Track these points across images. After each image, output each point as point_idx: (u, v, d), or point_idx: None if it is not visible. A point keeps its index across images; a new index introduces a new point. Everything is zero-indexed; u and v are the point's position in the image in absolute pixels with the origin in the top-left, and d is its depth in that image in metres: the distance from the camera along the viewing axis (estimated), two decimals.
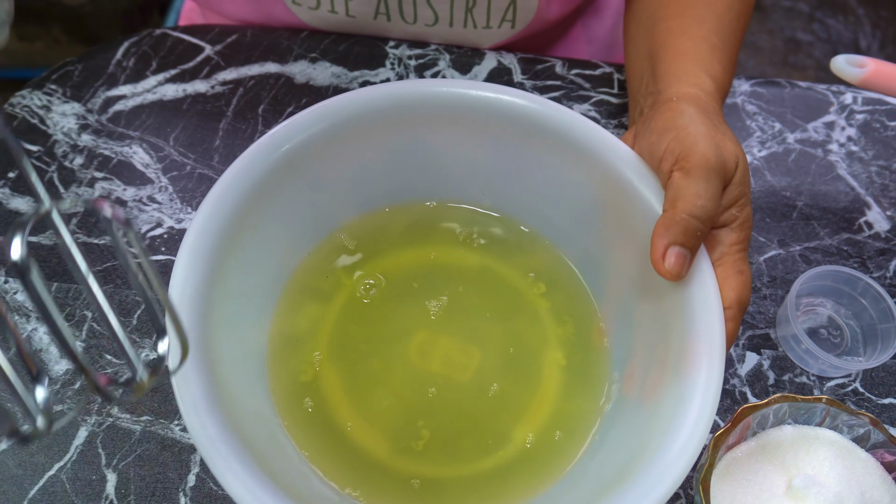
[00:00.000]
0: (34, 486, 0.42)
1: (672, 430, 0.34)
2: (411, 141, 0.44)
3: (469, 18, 0.58)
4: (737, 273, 0.37)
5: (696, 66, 0.44)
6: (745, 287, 0.37)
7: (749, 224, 0.39)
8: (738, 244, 0.38)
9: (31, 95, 0.55)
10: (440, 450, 0.41)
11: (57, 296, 0.47)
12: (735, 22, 0.48)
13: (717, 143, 0.38)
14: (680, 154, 0.37)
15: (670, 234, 0.36)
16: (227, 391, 0.36)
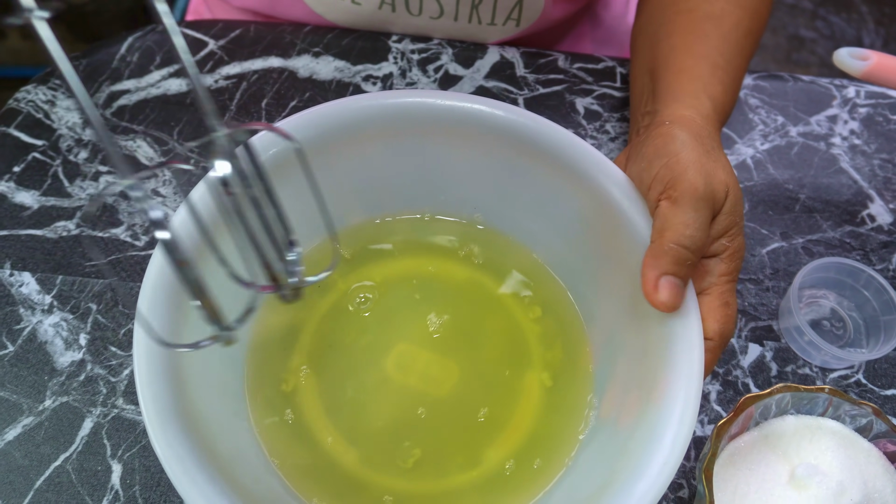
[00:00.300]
0: (40, 477, 0.42)
1: (646, 457, 0.33)
2: (403, 152, 0.43)
3: (474, 14, 0.58)
4: (722, 305, 0.37)
5: (695, 85, 0.43)
6: (729, 320, 0.37)
7: (740, 255, 0.38)
8: (727, 275, 0.38)
9: (35, 90, 0.55)
10: (415, 466, 0.41)
11: (62, 288, 0.47)
12: (743, 40, 0.47)
13: (706, 172, 0.37)
14: (669, 182, 0.36)
15: (661, 265, 0.35)
16: (195, 395, 0.35)
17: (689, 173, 0.36)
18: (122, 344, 0.46)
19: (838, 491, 0.38)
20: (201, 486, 0.32)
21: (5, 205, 0.50)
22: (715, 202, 0.37)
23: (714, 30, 0.46)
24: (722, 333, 0.37)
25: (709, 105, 0.42)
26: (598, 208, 0.40)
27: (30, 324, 0.46)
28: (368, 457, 0.41)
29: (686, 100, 0.42)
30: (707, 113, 0.41)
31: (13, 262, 0.48)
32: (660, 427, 0.33)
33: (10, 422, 0.43)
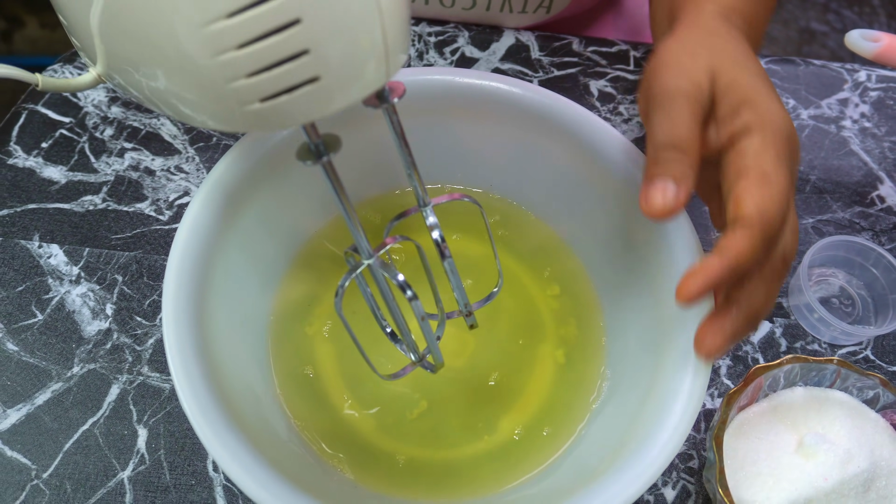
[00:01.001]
0: (69, 440, 0.43)
1: (658, 423, 0.34)
2: (422, 129, 0.44)
3: (507, 3, 0.59)
4: (762, 181, 0.31)
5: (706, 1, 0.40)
6: (770, 199, 0.30)
7: (772, 119, 0.32)
8: (766, 148, 0.31)
9: (62, 69, 0.56)
10: (429, 431, 0.42)
11: (89, 260, 0.49)
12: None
13: (680, 66, 0.33)
14: (645, 100, 0.34)
15: (645, 175, 0.32)
16: (220, 358, 0.36)
17: (658, 78, 0.34)
18: (146, 314, 0.47)
19: (845, 458, 0.39)
20: (230, 445, 0.33)
21: (34, 179, 0.51)
22: (696, 86, 0.33)
23: None
24: (760, 213, 0.30)
25: (711, 7, 0.38)
26: (614, 185, 0.41)
27: (58, 294, 0.48)
28: (383, 422, 0.42)
29: (689, 13, 0.39)
30: (708, 14, 0.38)
31: (41, 234, 0.49)
32: (671, 395, 0.34)
33: (40, 387, 0.45)
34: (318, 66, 0.26)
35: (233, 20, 0.24)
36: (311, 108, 0.27)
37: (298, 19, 0.25)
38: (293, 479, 0.33)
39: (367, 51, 0.27)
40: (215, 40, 0.25)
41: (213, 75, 0.26)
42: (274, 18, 0.24)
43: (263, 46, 0.25)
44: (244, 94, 0.26)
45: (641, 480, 0.32)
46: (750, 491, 0.39)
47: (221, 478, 0.43)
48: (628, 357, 0.42)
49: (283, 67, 0.26)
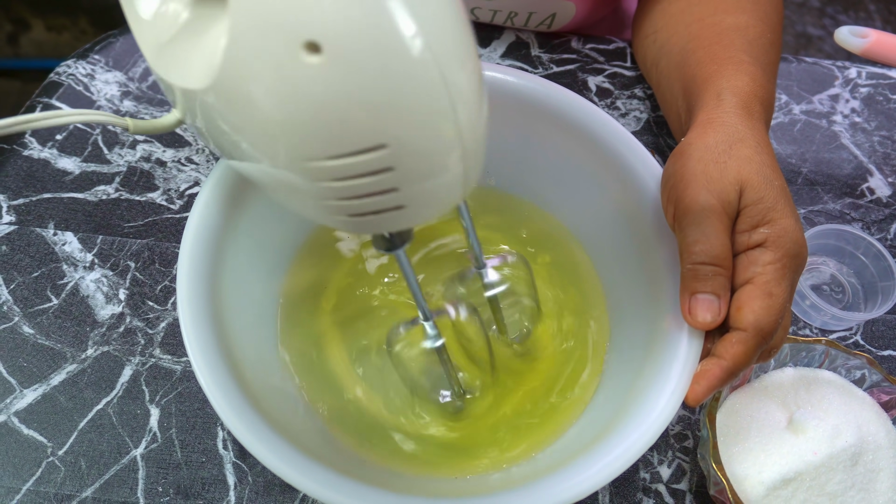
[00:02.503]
0: (83, 419, 0.45)
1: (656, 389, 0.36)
2: None
3: (509, 21, 0.61)
4: (764, 295, 0.35)
5: (718, 86, 0.42)
6: (768, 312, 0.34)
7: (785, 239, 0.36)
8: (774, 262, 0.35)
9: (76, 65, 0.58)
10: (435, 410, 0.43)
11: (102, 247, 0.50)
12: (768, 47, 0.47)
13: (709, 179, 0.36)
14: (675, 204, 0.37)
15: (686, 287, 0.36)
16: (232, 335, 0.38)
17: (689, 189, 0.36)
18: (158, 299, 0.49)
19: (834, 434, 0.41)
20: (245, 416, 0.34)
21: (49, 170, 0.53)
22: (726, 205, 0.36)
23: (739, 38, 0.46)
24: (757, 325, 0.34)
25: (732, 100, 0.41)
26: (609, 170, 0.43)
27: (72, 279, 0.49)
28: (390, 402, 0.43)
29: (708, 102, 0.42)
30: (730, 108, 0.41)
31: (56, 222, 0.51)
32: (667, 362, 0.36)
33: (56, 368, 0.46)
34: (404, 199, 0.28)
35: (333, 162, 0.26)
36: (392, 226, 0.31)
37: (391, 167, 0.26)
38: (303, 448, 0.35)
39: (449, 187, 0.29)
40: (313, 172, 0.27)
41: (308, 193, 0.28)
42: (369, 165, 0.26)
43: (357, 183, 0.27)
44: (334, 210, 0.29)
45: (642, 441, 0.33)
46: (742, 465, 0.41)
47: (231, 455, 0.44)
48: (625, 329, 0.43)
49: (372, 198, 0.28)
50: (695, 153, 0.38)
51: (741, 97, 0.41)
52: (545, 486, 0.34)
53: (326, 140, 0.26)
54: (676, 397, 0.35)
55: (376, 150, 0.26)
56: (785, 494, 0.40)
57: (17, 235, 0.50)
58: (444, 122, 0.26)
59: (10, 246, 0.50)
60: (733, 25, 0.48)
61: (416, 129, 0.26)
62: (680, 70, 0.49)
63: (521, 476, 0.38)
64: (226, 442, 0.45)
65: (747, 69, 0.43)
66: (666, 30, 0.53)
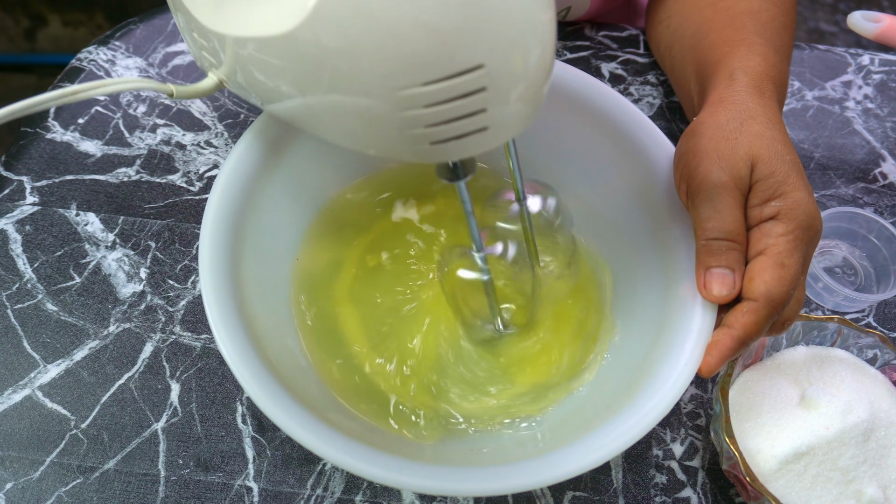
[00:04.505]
0: (106, 393, 0.46)
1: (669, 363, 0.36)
2: None
3: None
4: (776, 265, 0.35)
5: (730, 66, 0.43)
6: (779, 282, 0.35)
7: (797, 211, 0.36)
8: (786, 234, 0.35)
9: (97, 51, 0.59)
10: (451, 382, 0.44)
11: (123, 227, 0.51)
12: (780, 31, 0.47)
13: (721, 156, 0.37)
14: (688, 182, 0.37)
15: (701, 262, 0.36)
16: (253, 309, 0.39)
17: (701, 166, 0.37)
18: (178, 278, 0.50)
19: (846, 409, 0.41)
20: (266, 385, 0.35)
21: (71, 152, 0.54)
22: (738, 180, 0.37)
23: (751, 21, 0.47)
24: (768, 295, 0.35)
25: (744, 79, 0.41)
26: (623, 150, 0.44)
27: (95, 258, 0.50)
28: (406, 376, 0.44)
29: (720, 83, 0.42)
30: (742, 87, 0.41)
31: (79, 203, 0.52)
32: (680, 338, 0.37)
33: (78, 344, 0.47)
34: (489, 120, 0.29)
35: (428, 88, 0.27)
36: (472, 150, 0.31)
37: (484, 87, 0.28)
38: (323, 417, 0.35)
39: (529, 105, 0.30)
40: (405, 101, 0.28)
41: (392, 124, 0.29)
42: (465, 87, 0.27)
43: (448, 107, 0.28)
44: (418, 139, 0.29)
45: (658, 410, 0.34)
46: (755, 441, 0.41)
47: (250, 429, 0.45)
48: (637, 304, 0.44)
49: (459, 122, 0.29)
50: (706, 131, 0.38)
51: (753, 76, 0.42)
52: (561, 455, 0.35)
53: (425, 66, 0.27)
54: (690, 368, 0.35)
55: (473, 71, 0.27)
56: (797, 468, 0.40)
57: (41, 216, 0.51)
58: (534, 43, 0.28)
59: (34, 226, 0.51)
60: (746, 9, 0.48)
61: (511, 47, 0.27)
62: (692, 53, 0.49)
63: (534, 440, 0.39)
64: (244, 416, 0.45)
65: (759, 50, 0.44)
66: (679, 15, 0.53)
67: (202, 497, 0.43)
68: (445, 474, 0.34)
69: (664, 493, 0.45)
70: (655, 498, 0.44)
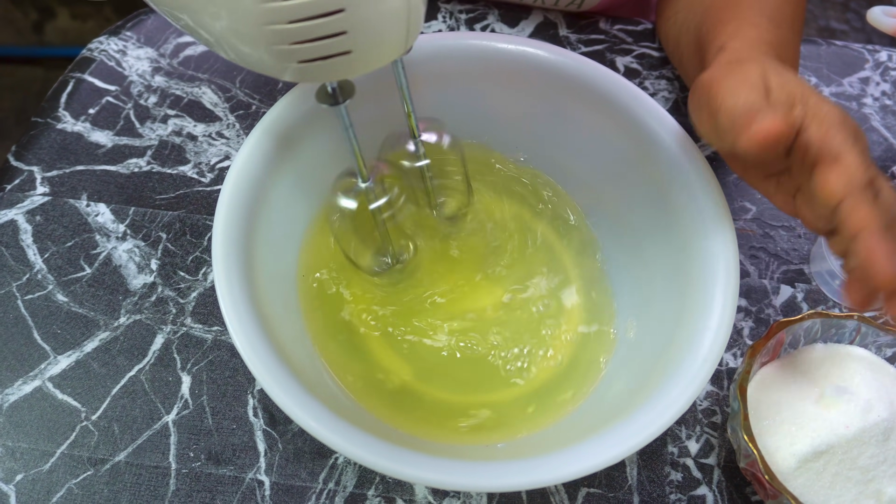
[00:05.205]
0: (116, 385, 0.45)
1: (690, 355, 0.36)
2: (451, 93, 0.46)
3: (539, 1, 0.61)
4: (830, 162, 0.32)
5: (720, 41, 0.42)
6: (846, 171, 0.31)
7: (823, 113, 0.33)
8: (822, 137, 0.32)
9: (108, 41, 0.59)
10: (462, 378, 0.43)
11: (134, 218, 0.51)
12: (783, 5, 0.46)
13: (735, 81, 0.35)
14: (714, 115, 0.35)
15: None
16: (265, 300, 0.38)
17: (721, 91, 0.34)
18: (189, 269, 0.49)
19: (866, 408, 0.40)
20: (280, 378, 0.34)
21: (82, 143, 0.54)
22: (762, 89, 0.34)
23: (751, 2, 0.45)
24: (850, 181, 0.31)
25: (736, 44, 0.40)
26: (637, 143, 0.43)
27: (105, 249, 0.50)
28: (415, 370, 0.44)
29: (711, 59, 0.41)
30: (731, 51, 0.40)
31: (89, 193, 0.52)
32: (699, 332, 0.36)
33: (89, 335, 0.47)
34: (352, 43, 0.31)
35: (287, 2, 0.28)
36: (340, 72, 0.33)
37: (343, 8, 0.29)
38: (335, 409, 0.35)
39: (393, 34, 0.32)
40: (268, 14, 0.29)
41: (260, 38, 0.30)
42: (323, 5, 0.29)
43: (309, 25, 0.29)
44: (286, 56, 0.31)
45: (675, 408, 0.33)
46: (773, 439, 0.41)
47: (261, 423, 0.45)
48: (653, 299, 0.44)
49: (322, 42, 0.30)
50: (714, 74, 0.36)
51: (745, 42, 0.40)
52: (576, 452, 0.34)
53: None
54: (709, 365, 0.35)
55: None
56: (816, 467, 0.39)
57: (51, 206, 0.51)
58: None
59: (45, 216, 0.51)
60: None
61: None
62: (696, 42, 0.49)
63: (553, 439, 0.38)
64: (256, 410, 0.45)
65: (753, 21, 0.42)
66: (685, 10, 0.53)
67: (213, 490, 0.43)
68: (460, 469, 0.34)
69: (679, 490, 0.44)
70: (670, 495, 0.44)
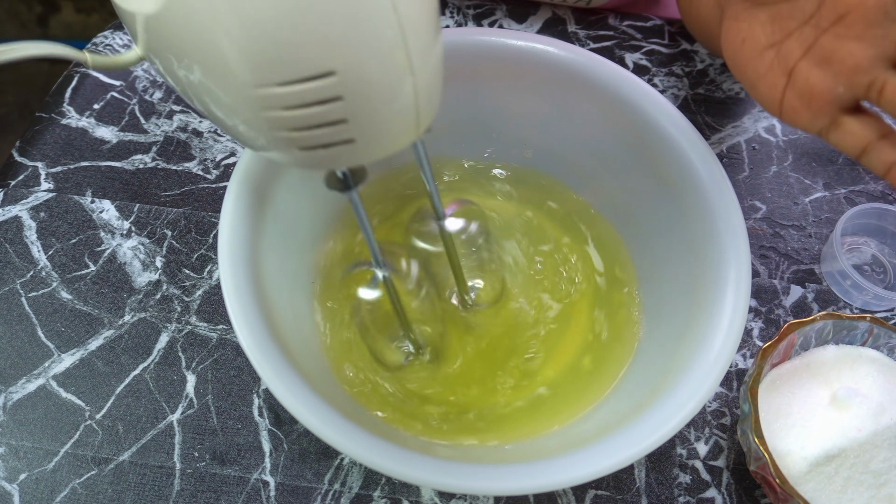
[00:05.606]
0: (121, 384, 0.45)
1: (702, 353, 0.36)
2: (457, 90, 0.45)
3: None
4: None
5: None
6: None
7: None
8: None
9: (112, 36, 0.58)
10: (469, 380, 0.43)
11: (139, 215, 0.50)
12: None
13: None
14: None
15: None
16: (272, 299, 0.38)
17: None
18: (194, 267, 0.49)
19: (878, 411, 0.40)
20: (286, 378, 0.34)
21: (86, 138, 0.53)
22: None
23: None
24: None
25: None
26: (647, 141, 0.43)
27: (110, 246, 0.49)
28: (419, 373, 0.43)
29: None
30: None
31: (94, 190, 0.51)
32: (711, 330, 0.36)
33: (93, 333, 0.47)
34: (354, 132, 0.28)
35: (282, 89, 0.26)
36: (345, 161, 0.30)
37: (340, 96, 0.26)
38: (340, 410, 0.34)
39: (400, 122, 0.29)
40: (263, 100, 0.26)
41: (258, 123, 0.28)
42: (319, 93, 0.26)
43: (306, 113, 0.27)
44: (285, 142, 0.28)
45: (686, 410, 0.33)
46: (784, 441, 0.40)
47: (267, 423, 0.44)
48: (664, 300, 0.43)
49: (322, 129, 0.27)
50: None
51: None
52: (584, 455, 0.34)
53: (275, 64, 0.25)
54: (720, 366, 0.35)
55: (325, 77, 0.26)
56: (828, 471, 0.39)
57: (56, 202, 0.51)
58: (395, 52, 0.26)
59: (49, 213, 0.50)
60: None
61: (365, 56, 0.26)
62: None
63: (561, 442, 0.38)
64: (261, 409, 0.45)
65: None
66: None
67: (218, 491, 0.42)
68: (467, 472, 0.33)
69: (688, 493, 0.44)
70: (679, 498, 0.43)
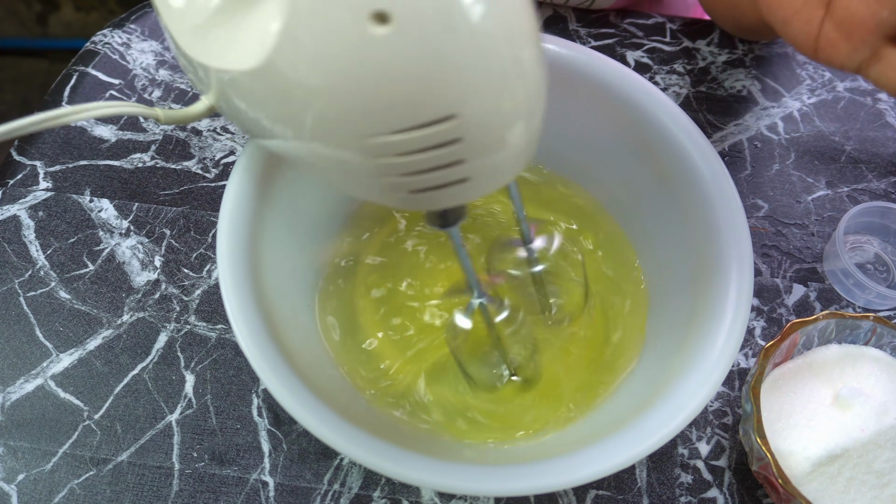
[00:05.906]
0: (119, 384, 0.45)
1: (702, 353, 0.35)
2: None
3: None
4: None
5: None
6: None
7: None
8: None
9: (111, 34, 0.58)
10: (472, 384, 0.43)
11: (138, 214, 0.50)
12: None
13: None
14: None
15: None
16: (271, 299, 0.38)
17: None
18: (193, 266, 0.49)
19: (881, 411, 0.40)
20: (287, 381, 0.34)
21: (85, 137, 0.53)
22: None
23: None
24: None
25: None
26: (648, 139, 0.42)
27: (108, 246, 0.49)
28: (429, 373, 0.43)
29: None
30: None
31: (92, 189, 0.51)
32: (713, 329, 0.35)
33: (92, 333, 0.46)
34: (469, 171, 0.28)
35: (398, 136, 0.25)
36: (454, 199, 0.30)
37: (459, 139, 0.26)
38: (342, 413, 0.34)
39: (511, 161, 0.29)
40: (376, 149, 0.26)
41: (365, 171, 0.27)
42: (437, 137, 0.26)
43: (422, 157, 0.26)
44: (396, 187, 0.28)
45: (688, 411, 0.33)
46: (787, 441, 0.40)
47: (266, 423, 0.44)
48: (665, 299, 0.43)
49: (438, 172, 0.27)
50: None
51: None
52: (585, 455, 0.34)
53: (393, 114, 0.25)
54: (723, 365, 0.34)
55: (445, 122, 0.25)
56: (831, 471, 0.39)
57: (54, 201, 0.50)
58: (513, 93, 0.26)
59: (47, 212, 0.50)
60: None
61: (485, 98, 0.25)
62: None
63: (562, 442, 0.38)
64: (260, 409, 0.45)
65: None
66: None
67: (217, 491, 0.42)
68: (467, 473, 0.33)
69: (689, 493, 0.43)
70: (681, 498, 0.43)
